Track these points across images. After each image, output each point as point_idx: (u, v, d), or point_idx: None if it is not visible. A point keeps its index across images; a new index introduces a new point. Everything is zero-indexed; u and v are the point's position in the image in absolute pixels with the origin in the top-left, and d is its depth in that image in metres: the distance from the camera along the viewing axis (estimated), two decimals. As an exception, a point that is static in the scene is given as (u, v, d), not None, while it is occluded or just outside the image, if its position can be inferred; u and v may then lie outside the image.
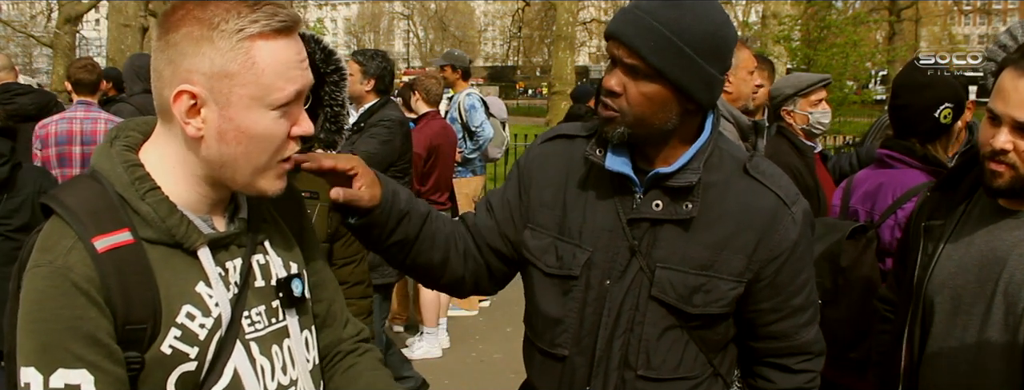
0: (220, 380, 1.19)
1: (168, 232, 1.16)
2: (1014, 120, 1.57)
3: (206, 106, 1.14)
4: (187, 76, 1.13)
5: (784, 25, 14.34)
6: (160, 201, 1.16)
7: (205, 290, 1.19)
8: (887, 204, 2.55)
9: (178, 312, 1.15)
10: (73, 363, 1.09)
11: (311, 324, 1.38)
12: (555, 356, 1.64)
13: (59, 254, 1.10)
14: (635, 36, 1.45)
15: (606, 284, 1.58)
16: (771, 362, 1.68)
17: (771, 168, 1.62)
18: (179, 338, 1.15)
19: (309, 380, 1.34)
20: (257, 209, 1.31)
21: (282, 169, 1.23)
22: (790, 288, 1.60)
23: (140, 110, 5.31)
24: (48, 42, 21.72)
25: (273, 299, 1.29)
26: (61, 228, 1.13)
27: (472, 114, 5.95)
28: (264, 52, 1.13)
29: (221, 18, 1.12)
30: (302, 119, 1.21)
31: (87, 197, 1.15)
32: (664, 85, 1.47)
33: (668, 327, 1.57)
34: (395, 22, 59.89)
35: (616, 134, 1.51)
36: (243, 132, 1.15)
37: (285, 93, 1.16)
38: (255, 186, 1.21)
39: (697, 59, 1.45)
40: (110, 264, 1.11)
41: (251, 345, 1.24)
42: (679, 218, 1.53)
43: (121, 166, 1.17)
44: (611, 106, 1.51)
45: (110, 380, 1.11)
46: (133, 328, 1.12)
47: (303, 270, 1.36)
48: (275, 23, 1.13)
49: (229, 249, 1.24)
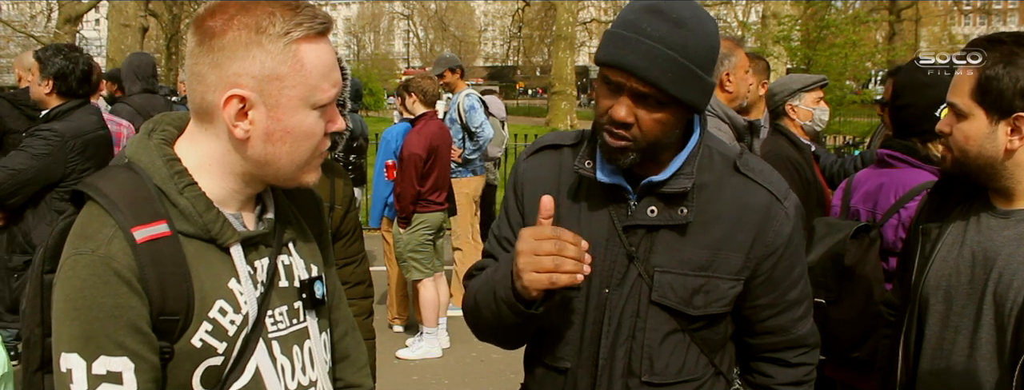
0: (242, 376, 1.22)
1: (204, 227, 1.18)
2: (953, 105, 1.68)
3: (255, 108, 1.17)
4: (236, 80, 1.15)
5: (784, 25, 14.34)
6: (198, 196, 1.19)
7: (236, 287, 1.21)
8: (889, 203, 2.55)
9: (211, 307, 1.18)
10: (115, 351, 1.11)
11: (328, 327, 1.41)
12: (558, 369, 1.62)
13: (101, 243, 1.11)
14: (651, 67, 1.40)
15: (605, 292, 1.56)
16: (769, 357, 1.68)
17: (761, 164, 1.63)
18: (210, 333, 1.18)
19: (327, 381, 1.37)
20: (283, 210, 1.34)
21: (320, 161, 1.28)
22: (786, 282, 1.61)
23: (138, 110, 5.31)
24: (48, 42, 21.73)
25: (295, 300, 1.31)
26: (101, 216, 1.14)
27: (472, 115, 5.96)
28: (310, 54, 1.18)
29: (268, 22, 1.15)
30: (336, 116, 1.26)
31: (126, 188, 1.17)
32: (676, 108, 1.46)
33: (670, 331, 1.56)
34: (395, 22, 59.93)
35: (628, 161, 1.49)
36: (289, 132, 1.19)
37: (328, 94, 1.21)
38: (297, 180, 1.26)
39: (703, 75, 1.45)
40: (148, 255, 1.13)
41: (273, 344, 1.26)
42: (676, 223, 1.53)
43: (161, 159, 1.20)
44: (623, 136, 1.47)
45: (148, 368, 1.14)
46: (167, 319, 1.15)
47: (322, 273, 1.38)
48: (317, 26, 1.18)
49: (258, 248, 1.27)
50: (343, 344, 1.50)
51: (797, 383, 1.68)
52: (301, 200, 1.41)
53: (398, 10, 56.07)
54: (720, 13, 30.01)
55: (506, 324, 1.53)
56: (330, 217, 2.08)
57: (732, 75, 3.06)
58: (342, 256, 2.15)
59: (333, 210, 2.11)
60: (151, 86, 5.59)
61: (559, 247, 1.38)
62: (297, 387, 1.29)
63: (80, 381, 1.10)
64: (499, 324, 1.55)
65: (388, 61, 55.08)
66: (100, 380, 1.11)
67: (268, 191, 1.32)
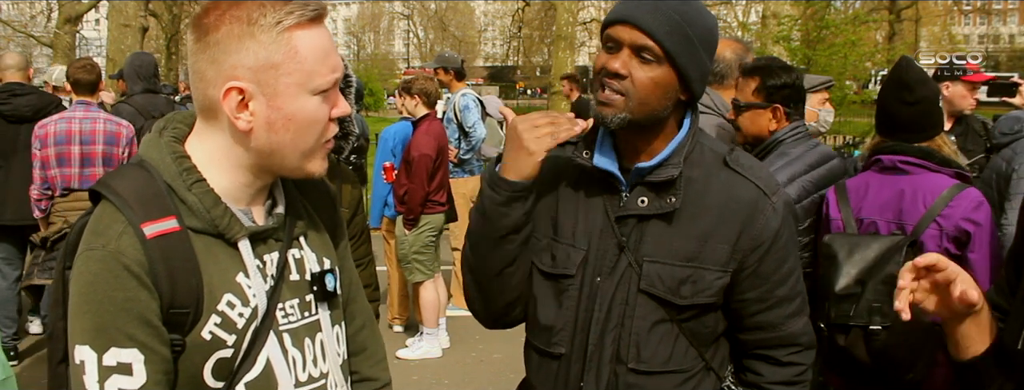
0: (254, 368, 1.24)
1: (212, 223, 1.21)
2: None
3: (254, 99, 1.19)
4: (232, 72, 1.18)
5: (784, 25, 14.34)
6: (205, 192, 1.21)
7: (244, 281, 1.23)
8: (920, 213, 2.44)
9: (219, 300, 1.21)
10: (125, 343, 1.14)
11: (342, 319, 1.43)
12: (552, 355, 1.67)
13: (111, 238, 1.15)
14: (652, 20, 1.49)
15: (597, 281, 1.61)
16: (759, 354, 1.69)
17: (751, 160, 1.66)
18: (218, 325, 1.20)
19: (340, 374, 1.39)
20: (294, 204, 1.35)
21: (326, 150, 1.29)
22: (774, 278, 1.63)
23: (139, 110, 5.31)
24: (48, 42, 21.72)
25: (307, 293, 1.33)
26: (112, 213, 1.18)
27: (465, 114, 5.96)
28: (304, 40, 1.19)
29: (259, 13, 1.17)
30: (339, 101, 1.27)
31: (137, 185, 1.20)
32: (670, 70, 1.52)
33: (658, 320, 1.60)
34: (395, 22, 59.90)
35: (616, 119, 1.53)
36: (291, 119, 1.21)
37: (327, 79, 1.22)
38: (304, 169, 1.27)
39: (700, 50, 1.52)
40: (157, 250, 1.16)
41: (284, 336, 1.28)
42: (664, 212, 1.57)
43: (170, 157, 1.22)
44: (615, 88, 1.52)
45: (158, 359, 1.16)
46: (177, 312, 1.17)
47: (335, 265, 1.40)
48: (309, 12, 1.19)
49: (267, 242, 1.29)
50: (360, 337, 1.52)
51: (788, 383, 1.69)
52: (313, 194, 1.42)
53: (398, 10, 56.03)
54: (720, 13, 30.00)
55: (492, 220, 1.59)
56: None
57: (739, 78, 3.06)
58: (348, 258, 2.15)
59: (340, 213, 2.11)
60: (153, 86, 5.59)
61: (551, 117, 1.53)
62: (308, 379, 1.31)
63: (92, 372, 1.14)
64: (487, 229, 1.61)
65: (388, 61, 55.10)
66: (111, 371, 1.14)
67: (279, 185, 1.34)
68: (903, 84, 2.56)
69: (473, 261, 1.69)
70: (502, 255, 1.64)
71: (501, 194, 1.56)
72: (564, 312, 1.64)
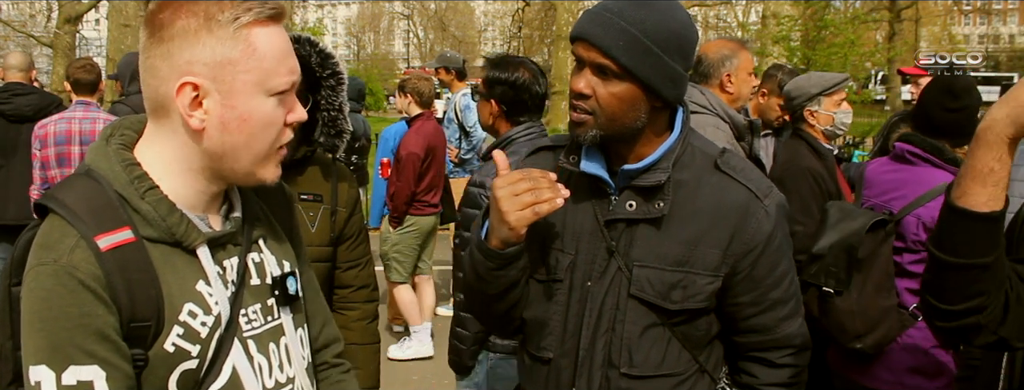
0: (219, 377, 1.20)
1: (168, 231, 1.17)
2: None
3: (209, 96, 1.16)
4: (188, 68, 1.14)
5: (783, 25, 14.35)
6: (159, 200, 1.17)
7: (205, 289, 1.19)
8: (907, 201, 2.53)
9: (181, 310, 1.16)
10: (84, 360, 1.09)
11: (304, 322, 1.40)
12: (541, 359, 1.66)
13: (62, 252, 1.10)
14: (604, 37, 1.47)
15: (587, 285, 1.60)
16: (754, 356, 1.69)
17: (742, 162, 1.64)
18: (181, 336, 1.16)
19: (305, 377, 1.36)
20: (250, 208, 1.32)
21: (279, 157, 1.25)
22: (768, 281, 1.62)
23: (136, 110, 5.31)
24: (48, 42, 21.70)
25: (268, 297, 1.30)
26: (61, 227, 1.13)
27: (466, 114, 5.95)
28: (262, 38, 1.16)
29: (216, 9, 1.14)
30: (297, 106, 1.24)
31: (86, 196, 1.15)
32: (632, 83, 1.49)
33: (649, 325, 1.59)
34: (395, 22, 59.86)
35: (589, 137, 1.53)
36: (245, 120, 1.17)
37: (285, 80, 1.19)
38: (255, 175, 1.23)
39: (663, 57, 1.49)
40: (113, 262, 1.11)
41: (249, 343, 1.25)
42: (652, 217, 1.56)
43: (119, 165, 1.18)
44: (583, 108, 1.52)
45: (120, 376, 1.11)
46: (138, 325, 1.13)
47: (295, 268, 1.37)
48: (267, 10, 1.17)
49: (226, 248, 1.25)
50: (323, 336, 1.50)
51: (783, 385, 1.68)
52: (270, 197, 1.39)
53: (398, 10, 55.97)
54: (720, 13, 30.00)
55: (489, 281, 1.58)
56: (334, 220, 2.08)
57: (734, 76, 3.04)
58: (347, 259, 2.12)
59: (337, 213, 2.09)
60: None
61: (533, 182, 1.47)
62: (275, 385, 1.28)
63: None
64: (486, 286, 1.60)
65: (388, 61, 55.01)
66: None
67: (235, 189, 1.30)
68: (950, 91, 2.61)
69: (476, 308, 1.71)
70: (506, 301, 1.65)
71: (493, 261, 1.55)
72: (552, 316, 1.64)
